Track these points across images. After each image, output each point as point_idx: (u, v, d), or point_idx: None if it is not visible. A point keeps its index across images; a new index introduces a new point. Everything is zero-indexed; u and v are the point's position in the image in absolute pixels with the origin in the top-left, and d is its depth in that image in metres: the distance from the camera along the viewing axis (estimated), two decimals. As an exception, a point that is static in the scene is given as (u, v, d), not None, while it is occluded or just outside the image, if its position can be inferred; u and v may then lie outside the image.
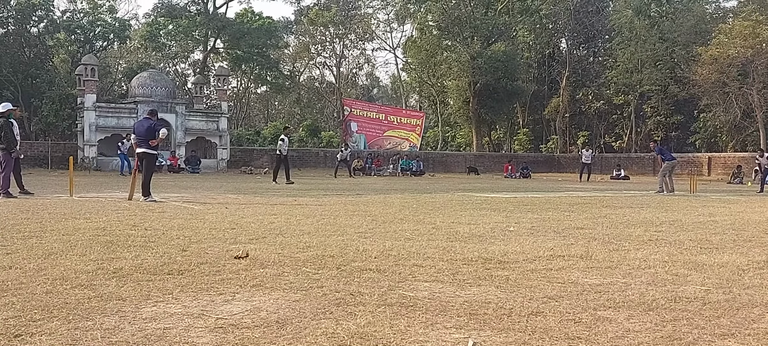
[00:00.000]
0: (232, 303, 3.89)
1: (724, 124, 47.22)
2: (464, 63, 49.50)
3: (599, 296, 4.20)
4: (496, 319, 3.56)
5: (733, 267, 5.31)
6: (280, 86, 62.63)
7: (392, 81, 78.61)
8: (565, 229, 8.20)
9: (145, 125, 12.85)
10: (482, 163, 47.73)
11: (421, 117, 57.49)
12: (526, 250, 6.21)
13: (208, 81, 53.72)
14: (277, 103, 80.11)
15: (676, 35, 49.58)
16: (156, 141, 12.78)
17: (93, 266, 5.00)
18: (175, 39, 59.00)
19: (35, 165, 35.33)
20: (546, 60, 59.52)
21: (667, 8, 53.05)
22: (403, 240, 6.84)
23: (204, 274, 4.79)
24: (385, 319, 3.52)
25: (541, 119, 60.36)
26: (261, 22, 55.77)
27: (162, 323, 3.41)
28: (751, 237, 7.54)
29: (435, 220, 9.23)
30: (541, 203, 13.47)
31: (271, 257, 5.58)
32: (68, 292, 4.12)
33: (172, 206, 11.26)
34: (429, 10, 55.76)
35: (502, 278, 4.79)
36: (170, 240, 6.60)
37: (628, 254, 5.98)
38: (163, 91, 39.52)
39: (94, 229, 7.51)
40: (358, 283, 4.51)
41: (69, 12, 55.22)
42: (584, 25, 56.70)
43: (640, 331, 3.37)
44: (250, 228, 7.81)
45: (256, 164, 41.03)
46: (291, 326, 3.36)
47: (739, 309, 3.86)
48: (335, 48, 68.15)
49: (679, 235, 7.70)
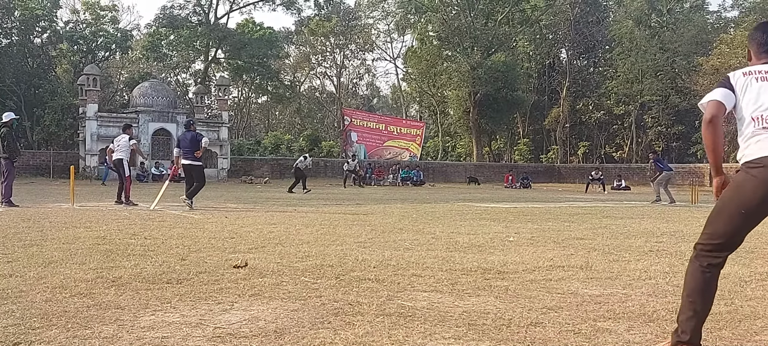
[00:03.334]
0: (231, 312, 3.88)
1: (726, 134, 47.01)
2: (464, 73, 49.59)
3: (599, 306, 4.19)
4: (495, 329, 3.55)
5: (735, 279, 5.29)
6: (281, 96, 62.73)
7: (392, 91, 78.82)
8: (565, 239, 8.19)
9: (189, 137, 13.27)
10: (482, 174, 47.73)
11: (421, 127, 57.53)
12: (526, 260, 6.19)
13: (209, 91, 53.81)
14: (277, 113, 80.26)
15: (677, 45, 49.68)
16: (200, 152, 13.16)
17: (92, 275, 5.00)
18: (177, 49, 59.13)
19: (37, 174, 35.42)
20: (546, 70, 59.64)
21: (668, 18, 53.19)
22: (402, 250, 6.83)
23: (202, 283, 4.78)
24: (384, 329, 3.51)
25: (541, 129, 60.41)
26: (262, 32, 55.91)
27: (160, 332, 3.40)
28: (753, 248, 7.50)
29: (434, 230, 9.22)
30: (541, 213, 13.46)
31: (269, 266, 5.57)
32: (67, 300, 4.12)
33: (172, 215, 11.27)
34: (429, 21, 55.94)
35: (501, 288, 4.77)
36: (169, 249, 6.59)
37: (628, 265, 5.97)
38: (164, 101, 39.60)
39: (94, 238, 7.51)
40: (356, 293, 4.50)
41: (72, 23, 55.51)
42: (584, 36, 56.85)
43: (641, 342, 3.36)
44: (249, 237, 7.80)
45: (257, 174, 41.03)
46: (289, 336, 3.35)
47: (742, 321, 3.84)
48: (336, 58, 68.47)
49: (680, 246, 7.68)
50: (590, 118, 56.90)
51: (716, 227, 3.20)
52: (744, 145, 3.23)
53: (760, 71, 3.30)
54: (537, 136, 61.70)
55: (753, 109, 3.22)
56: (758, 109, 3.21)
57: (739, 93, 3.29)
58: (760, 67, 3.32)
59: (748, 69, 3.36)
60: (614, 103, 53.79)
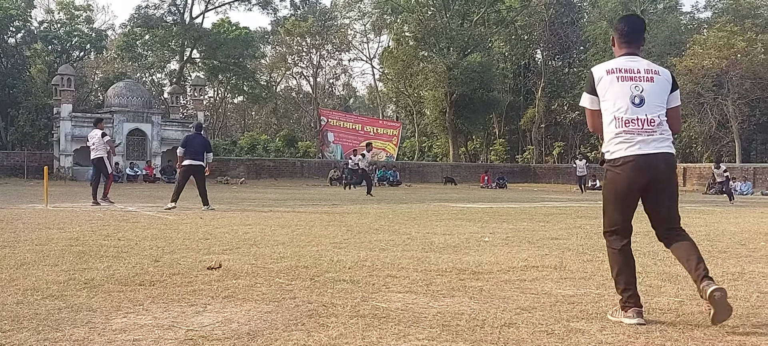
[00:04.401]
0: (204, 314, 3.85)
1: (700, 135, 47.87)
2: (440, 73, 49.71)
3: (572, 307, 4.22)
4: (469, 330, 3.56)
5: (704, 277, 5.36)
6: (257, 96, 62.43)
7: (369, 91, 78.70)
8: (539, 239, 8.24)
9: (199, 141, 13.69)
10: (459, 174, 47.90)
11: (397, 127, 57.59)
12: (501, 260, 6.23)
13: (185, 91, 53.38)
14: (253, 114, 79.87)
15: (650, 46, 50.17)
16: (211, 153, 13.82)
17: (64, 277, 4.94)
18: (152, 49, 58.57)
19: (11, 175, 35.02)
20: (522, 71, 59.98)
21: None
22: (378, 251, 6.83)
23: (176, 285, 4.74)
24: (357, 330, 3.51)
25: (517, 130, 60.75)
26: (238, 32, 55.58)
27: (132, 334, 3.37)
28: (725, 248, 7.62)
29: (410, 230, 9.23)
30: (517, 214, 13.54)
31: (244, 267, 5.54)
32: (39, 302, 4.07)
33: (146, 216, 11.16)
34: (405, 21, 55.97)
35: (475, 289, 4.79)
36: (143, 251, 6.53)
37: (601, 265, 6.01)
38: (139, 101, 39.25)
39: (67, 239, 7.42)
40: (331, 294, 4.50)
41: (46, 23, 54.93)
42: (559, 36, 57.25)
43: (613, 343, 3.39)
44: (224, 239, 7.76)
45: (233, 174, 40.81)
46: (262, 338, 3.34)
47: (711, 320, 3.89)
48: (312, 58, 68.28)
49: (653, 245, 7.75)
50: (565, 119, 57.32)
51: (609, 217, 3.98)
52: (607, 142, 3.89)
53: (621, 69, 3.89)
54: (513, 137, 62.03)
55: (614, 110, 3.84)
56: (618, 110, 3.82)
57: (601, 93, 3.90)
58: (621, 64, 3.92)
59: (612, 66, 3.94)
60: (589, 103, 54.18)
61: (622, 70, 3.87)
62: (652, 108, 3.79)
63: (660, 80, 3.87)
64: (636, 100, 3.78)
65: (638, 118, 3.76)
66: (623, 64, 3.90)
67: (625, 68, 3.87)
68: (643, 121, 3.76)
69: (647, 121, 3.76)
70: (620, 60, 3.95)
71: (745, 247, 7.82)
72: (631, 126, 3.76)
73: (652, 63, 3.96)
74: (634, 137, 3.75)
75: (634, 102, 3.78)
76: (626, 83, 3.82)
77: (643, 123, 3.76)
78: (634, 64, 3.88)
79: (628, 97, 3.79)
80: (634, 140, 3.73)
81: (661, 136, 3.77)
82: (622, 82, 3.83)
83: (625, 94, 3.81)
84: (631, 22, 4.05)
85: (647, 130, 3.74)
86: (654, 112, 3.79)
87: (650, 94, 3.80)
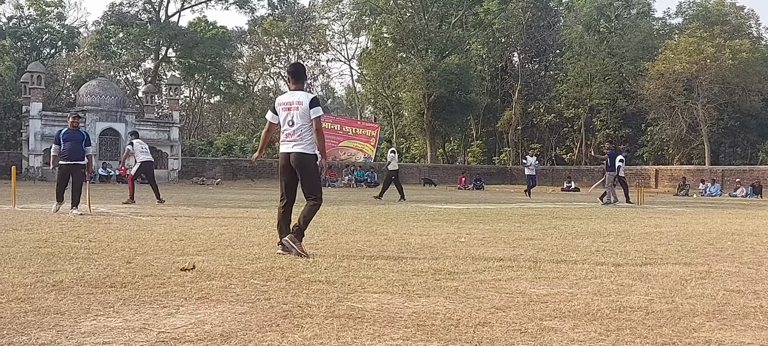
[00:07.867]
0: (176, 316, 3.80)
1: (671, 137, 48.53)
2: (418, 75, 49.82)
3: (545, 306, 4.24)
4: (444, 330, 3.56)
5: (676, 277, 5.42)
6: (234, 96, 62.11)
7: (347, 92, 78.61)
8: (515, 240, 8.27)
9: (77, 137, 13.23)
10: (436, 175, 48.00)
11: (376, 128, 57.13)
12: (476, 261, 6.23)
13: (160, 90, 52.91)
14: (230, 114, 79.42)
15: (624, 50, 50.78)
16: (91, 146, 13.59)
17: (31, 279, 4.84)
18: (126, 47, 58.03)
19: (-23, 175, 34.30)
20: (499, 73, 60.29)
21: (616, 24, 54.32)
22: (355, 251, 6.81)
23: (148, 286, 4.68)
24: (332, 331, 3.48)
25: (494, 132, 61.05)
26: (214, 31, 55.28)
27: (101, 337, 3.31)
28: (694, 248, 7.72)
29: (387, 231, 9.22)
30: (493, 215, 13.59)
31: (218, 269, 5.49)
32: (4, 306, 3.98)
33: (119, 218, 11.03)
34: (384, 23, 56.01)
35: (451, 288, 4.79)
36: (115, 252, 6.44)
37: (575, 265, 6.06)
38: (113, 100, 38.83)
39: (36, 240, 7.29)
40: (306, 295, 4.46)
41: (15, 18, 53.98)
42: (536, 40, 57.67)
43: (585, 340, 3.40)
44: (198, 240, 7.68)
45: (209, 175, 40.53)
46: (235, 340, 3.30)
47: (681, 318, 3.93)
48: (290, 58, 67.92)
49: (625, 246, 7.84)
50: (541, 121, 57.73)
51: (280, 187, 6.58)
52: (281, 142, 6.41)
53: (283, 103, 6.45)
54: (490, 139, 62.33)
55: (283, 127, 6.40)
56: (284, 126, 6.38)
57: (279, 114, 6.48)
58: (285, 100, 6.44)
59: (280, 100, 6.50)
60: (564, 106, 54.69)
61: (284, 103, 6.52)
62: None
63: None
64: None
65: None
66: (285, 100, 6.51)
67: (286, 101, 6.51)
68: None
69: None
70: (286, 95, 6.58)
71: (712, 246, 7.93)
72: None
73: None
74: None
75: None
76: (286, 113, 6.53)
77: None
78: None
79: None
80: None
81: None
82: (285, 111, 6.49)
83: (285, 119, 6.50)
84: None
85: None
86: None
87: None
